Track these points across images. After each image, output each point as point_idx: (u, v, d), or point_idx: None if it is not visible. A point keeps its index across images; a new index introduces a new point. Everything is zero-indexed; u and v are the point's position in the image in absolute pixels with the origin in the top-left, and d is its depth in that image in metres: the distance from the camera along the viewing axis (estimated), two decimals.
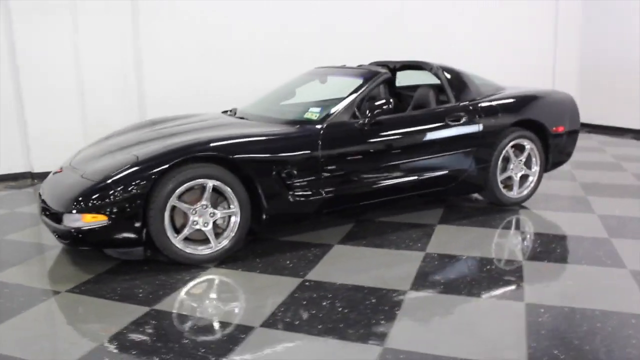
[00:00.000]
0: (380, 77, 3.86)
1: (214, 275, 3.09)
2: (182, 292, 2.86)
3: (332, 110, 3.64)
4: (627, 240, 3.58)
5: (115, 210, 2.96)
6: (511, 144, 4.20)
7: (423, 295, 2.80)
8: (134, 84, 5.59)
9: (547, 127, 4.34)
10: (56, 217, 3.06)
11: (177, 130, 3.64)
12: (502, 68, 7.52)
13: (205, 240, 3.23)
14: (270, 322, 2.52)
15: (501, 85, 4.58)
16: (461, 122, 3.96)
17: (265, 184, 3.30)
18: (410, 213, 4.15)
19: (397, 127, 3.78)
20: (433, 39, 7.06)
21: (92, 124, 5.35)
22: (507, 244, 3.54)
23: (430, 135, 3.88)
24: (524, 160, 4.32)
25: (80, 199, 2.98)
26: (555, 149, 4.45)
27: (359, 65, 4.33)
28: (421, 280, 2.96)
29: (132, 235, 3.02)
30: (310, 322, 2.52)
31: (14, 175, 5.34)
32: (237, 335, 2.41)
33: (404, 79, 4.93)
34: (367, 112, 3.61)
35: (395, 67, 4.64)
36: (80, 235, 2.98)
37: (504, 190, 4.26)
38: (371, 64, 4.85)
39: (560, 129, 4.45)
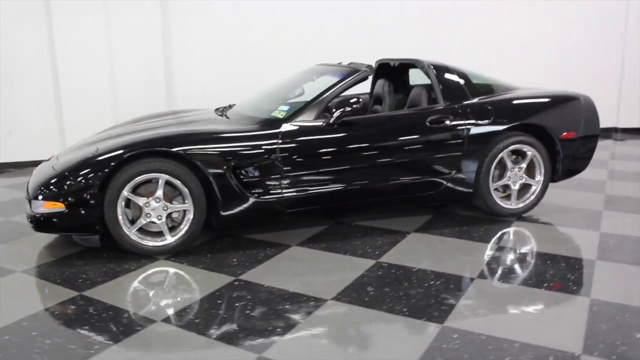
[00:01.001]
0: (356, 76, 3.71)
1: (157, 268, 3.20)
2: (116, 282, 3.00)
3: (297, 109, 3.59)
4: (613, 264, 3.17)
5: (70, 199, 3.17)
6: (508, 149, 3.87)
7: (339, 307, 2.68)
8: (162, 79, 5.90)
9: (553, 133, 3.93)
10: (29, 202, 3.36)
11: (153, 126, 3.79)
12: (564, 69, 6.97)
13: (161, 233, 3.36)
14: (171, 319, 2.57)
15: (512, 86, 4.22)
16: (444, 124, 3.71)
17: (221, 182, 3.34)
18: (391, 218, 3.98)
19: (368, 128, 3.64)
20: (485, 38, 6.69)
21: (123, 116, 5.73)
22: (471, 259, 3.27)
23: (405, 138, 3.67)
24: (524, 168, 3.95)
25: (43, 187, 3.23)
26: (566, 156, 4.02)
27: (349, 63, 4.20)
28: (350, 291, 2.84)
29: (87, 223, 3.22)
30: (207, 324, 2.53)
31: None
32: (134, 327, 2.49)
33: (417, 78, 4.72)
34: (334, 111, 3.52)
35: (394, 65, 4.45)
36: (42, 220, 3.24)
37: (498, 200, 3.93)
38: (377, 60, 4.71)
39: (571, 135, 4.00)
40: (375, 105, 4.70)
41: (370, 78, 4.69)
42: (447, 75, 3.94)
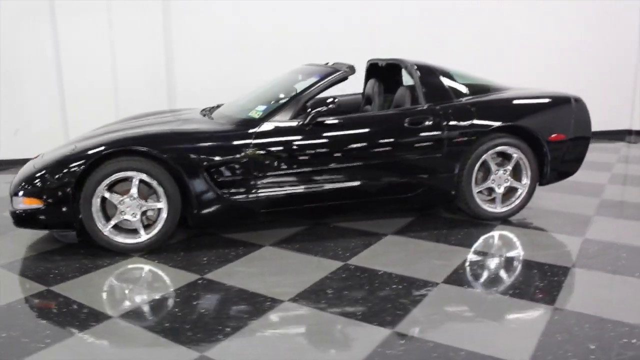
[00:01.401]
0: (334, 76, 3.68)
1: (129, 265, 3.26)
2: (86, 277, 3.07)
3: (273, 109, 3.59)
4: (588, 272, 3.06)
5: (47, 196, 3.26)
6: (492, 151, 3.78)
7: (294, 309, 2.67)
8: (163, 78, 6.00)
9: (540, 135, 3.81)
10: (11, 198, 3.48)
11: (133, 125, 3.87)
12: (574, 70, 6.78)
13: (136, 230, 3.42)
14: (127, 316, 2.61)
15: (503, 87, 4.12)
16: (423, 125, 3.65)
17: (195, 181, 3.38)
18: (372, 220, 3.95)
19: (343, 128, 3.61)
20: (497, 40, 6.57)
21: (124, 115, 5.86)
22: (442, 263, 3.20)
23: (382, 139, 3.63)
24: (509, 170, 3.85)
25: (23, 183, 3.33)
26: (554, 159, 3.90)
27: (334, 63, 4.16)
28: (308, 293, 2.83)
29: (63, 220, 3.31)
30: (159, 321, 2.57)
31: None
32: (89, 323, 2.54)
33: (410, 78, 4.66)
34: (309, 111, 3.51)
35: (382, 65, 4.40)
36: (23, 216, 3.34)
37: (482, 203, 3.85)
38: (368, 60, 4.67)
39: (560, 137, 3.87)
40: (367, 105, 4.67)
41: (363, 78, 4.71)
42: (431, 76, 3.87)
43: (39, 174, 3.31)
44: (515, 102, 3.93)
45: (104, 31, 5.69)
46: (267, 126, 3.50)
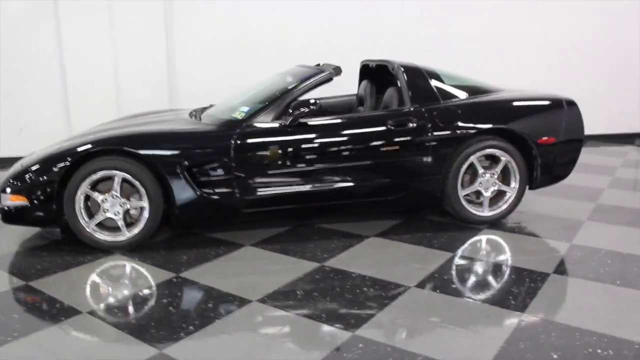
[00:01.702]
0: (318, 78, 3.67)
1: (109, 262, 3.30)
2: (65, 273, 3.12)
3: (256, 110, 3.60)
4: (567, 278, 3.01)
5: (32, 193, 3.33)
6: (478, 154, 3.72)
7: (260, 309, 2.67)
8: (165, 78, 6.07)
9: (528, 137, 3.74)
10: None
11: (123, 125, 3.92)
12: (580, 70, 6.63)
13: (119, 228, 3.48)
14: (96, 312, 2.66)
15: (495, 88, 4.05)
16: (407, 127, 3.62)
17: (176, 181, 3.41)
18: (357, 222, 3.92)
19: (324, 130, 3.59)
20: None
21: (126, 114, 5.96)
22: (419, 267, 3.16)
23: (364, 140, 3.61)
24: (497, 174, 3.78)
25: (10, 181, 3.42)
26: (545, 162, 3.81)
27: (323, 64, 4.15)
28: (278, 294, 2.83)
29: (48, 217, 3.38)
30: (126, 317, 2.62)
31: None
32: (59, 318, 2.59)
33: None
34: (290, 112, 3.51)
35: (372, 66, 4.37)
36: (10, 213, 3.43)
37: (468, 206, 3.79)
38: (362, 61, 4.65)
39: (551, 140, 3.79)
40: (360, 106, 4.65)
41: (357, 78, 4.69)
42: (417, 77, 3.83)
43: (25, 172, 3.38)
44: (503, 104, 3.86)
45: (105, 31, 5.78)
46: (249, 127, 3.52)
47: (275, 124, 3.55)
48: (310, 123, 3.59)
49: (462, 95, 3.85)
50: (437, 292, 2.86)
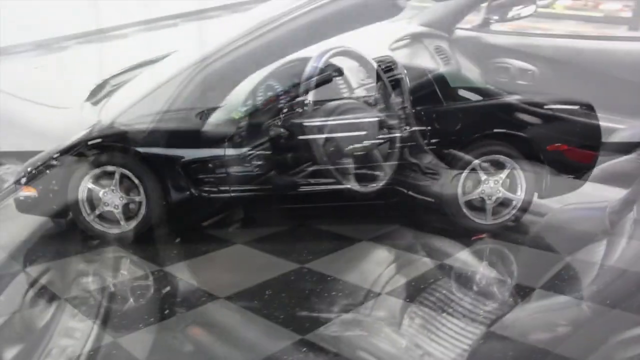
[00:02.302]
0: (318, 78, 3.63)
1: (105, 253, 3.43)
2: (61, 261, 3.31)
3: (252, 110, 3.64)
4: (554, 296, 2.78)
5: (41, 185, 3.57)
6: (480, 160, 3.52)
7: (223, 306, 2.69)
8: None
9: (537, 143, 3.50)
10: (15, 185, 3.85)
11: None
12: None
13: (119, 221, 3.65)
14: (66, 302, 2.77)
15: (504, 91, 3.84)
16: (401, 130, 3.51)
17: (173, 178, 3.51)
18: (356, 225, 3.81)
19: (320, 130, 3.55)
20: None
21: None
22: (400, 274, 3.07)
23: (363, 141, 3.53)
24: (501, 180, 3.58)
25: (23, 173, 3.69)
26: (555, 170, 3.56)
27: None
28: (247, 292, 2.84)
29: (54, 208, 3.60)
30: (90, 307, 2.74)
31: None
32: (37, 300, 2.78)
33: None
34: (285, 112, 3.52)
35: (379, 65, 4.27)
36: (23, 203, 3.69)
37: (469, 214, 3.60)
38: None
39: (562, 147, 3.53)
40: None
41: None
42: (420, 78, 3.72)
43: (37, 165, 3.64)
44: (508, 107, 3.65)
45: None
46: (244, 127, 3.57)
47: (270, 124, 3.56)
48: (305, 123, 3.58)
49: (466, 97, 3.70)
50: (406, 301, 2.76)
